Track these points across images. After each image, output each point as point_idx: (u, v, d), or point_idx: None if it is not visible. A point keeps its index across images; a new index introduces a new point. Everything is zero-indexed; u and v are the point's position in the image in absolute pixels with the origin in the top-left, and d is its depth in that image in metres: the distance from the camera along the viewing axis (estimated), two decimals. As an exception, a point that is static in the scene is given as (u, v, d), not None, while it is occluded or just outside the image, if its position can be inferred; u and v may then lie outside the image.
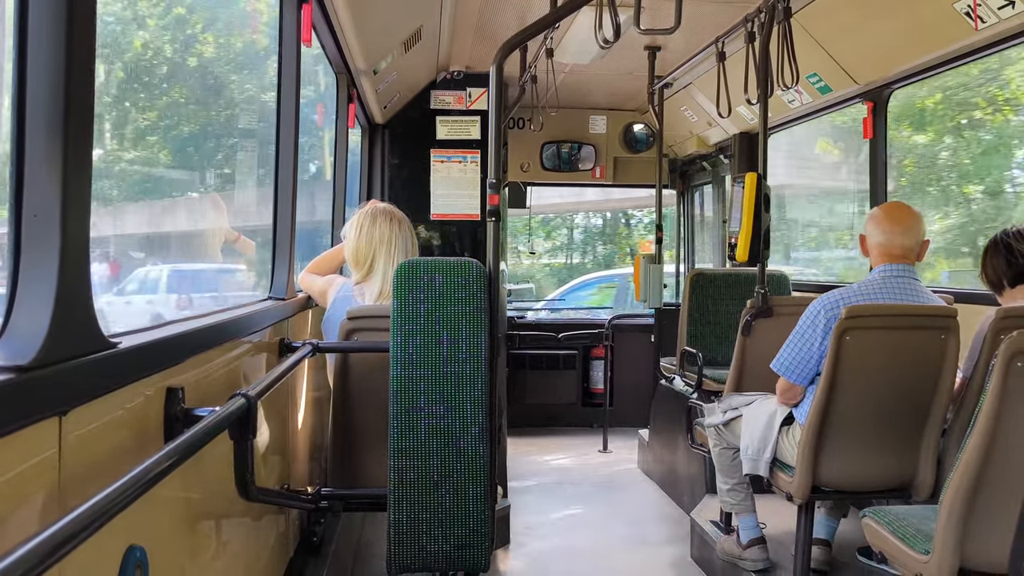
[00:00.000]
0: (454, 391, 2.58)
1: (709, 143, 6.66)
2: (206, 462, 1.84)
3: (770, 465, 3.22)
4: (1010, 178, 5.79)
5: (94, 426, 1.29)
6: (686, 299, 5.29)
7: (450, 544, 2.57)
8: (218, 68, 3.56)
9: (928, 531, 2.33)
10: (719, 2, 4.49)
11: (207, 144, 3.60)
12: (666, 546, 4.47)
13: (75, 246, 1.23)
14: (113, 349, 1.34)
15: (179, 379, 1.65)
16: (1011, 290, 3.00)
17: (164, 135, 3.06)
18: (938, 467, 2.98)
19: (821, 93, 4.70)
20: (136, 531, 1.38)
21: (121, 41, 2.50)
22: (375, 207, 3.35)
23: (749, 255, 3.78)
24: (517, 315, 7.33)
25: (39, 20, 1.18)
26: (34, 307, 1.17)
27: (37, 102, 1.18)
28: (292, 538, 2.96)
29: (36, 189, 1.18)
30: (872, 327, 2.86)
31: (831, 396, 2.90)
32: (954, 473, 2.22)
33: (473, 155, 6.05)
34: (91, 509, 1.02)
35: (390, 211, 3.34)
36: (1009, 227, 3.06)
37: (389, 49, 4.47)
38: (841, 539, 3.58)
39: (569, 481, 5.77)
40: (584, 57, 5.32)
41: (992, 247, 3.06)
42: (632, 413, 6.84)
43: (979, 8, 3.26)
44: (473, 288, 2.62)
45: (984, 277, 3.10)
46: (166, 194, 3.27)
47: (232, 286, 3.84)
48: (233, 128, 3.81)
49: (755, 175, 3.80)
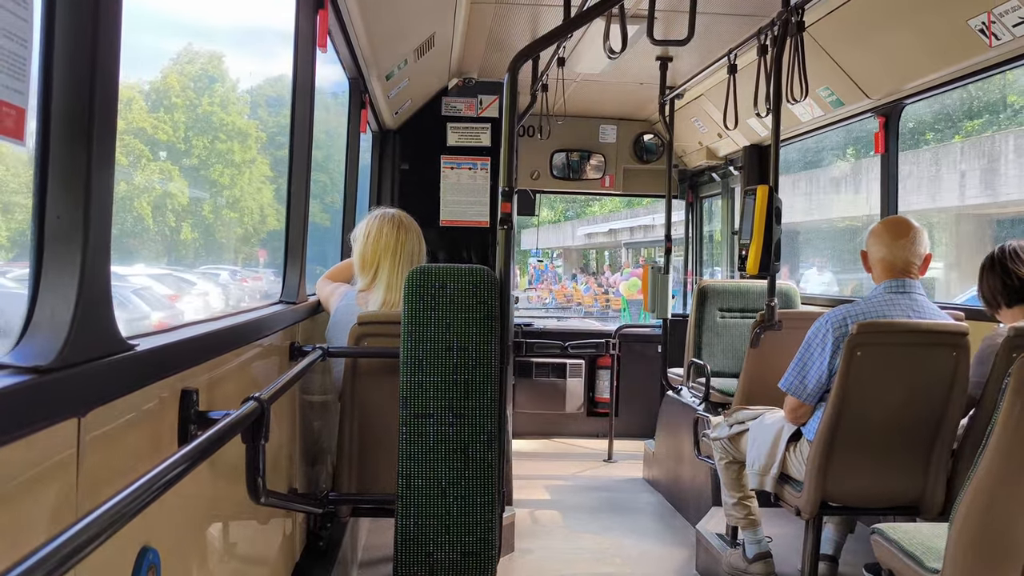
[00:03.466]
0: (463, 398, 2.58)
1: (719, 154, 6.66)
2: (218, 465, 1.85)
3: (776, 480, 3.21)
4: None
5: (111, 427, 1.29)
6: (694, 310, 5.29)
7: (457, 551, 2.57)
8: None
9: (938, 549, 2.31)
10: (732, 15, 4.50)
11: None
12: (671, 558, 4.45)
13: (97, 248, 1.24)
14: (131, 351, 1.35)
15: (194, 382, 1.65)
16: (1009, 310, 2.96)
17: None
18: (948, 485, 2.97)
19: (833, 107, 4.70)
20: (150, 533, 1.39)
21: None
22: (384, 213, 3.33)
23: (759, 267, 3.78)
24: (524, 323, 7.32)
25: (65, 21, 1.19)
26: (55, 309, 1.18)
27: (62, 105, 1.19)
28: (298, 541, 2.96)
29: (59, 191, 1.19)
30: (883, 343, 2.85)
31: (840, 412, 2.89)
32: (965, 492, 2.20)
33: (483, 162, 6.07)
34: (109, 511, 1.02)
35: (399, 218, 3.31)
36: (1006, 244, 2.99)
37: (402, 55, 4.49)
38: (847, 555, 3.56)
39: (574, 490, 5.76)
40: (595, 67, 5.34)
41: (988, 266, 2.99)
42: (638, 423, 6.82)
43: (993, 25, 3.26)
44: (484, 295, 2.62)
45: (980, 296, 3.05)
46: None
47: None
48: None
49: (767, 187, 3.80)
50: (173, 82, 4.31)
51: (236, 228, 5.93)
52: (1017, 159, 13.36)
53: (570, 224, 40.31)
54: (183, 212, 4.82)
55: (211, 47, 4.64)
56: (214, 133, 5.13)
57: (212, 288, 5.47)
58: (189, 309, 4.44)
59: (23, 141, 1.10)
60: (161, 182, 4.45)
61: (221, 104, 5.08)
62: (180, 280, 4.95)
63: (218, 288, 5.68)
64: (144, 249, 5.51)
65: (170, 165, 4.52)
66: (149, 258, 5.41)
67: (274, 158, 5.26)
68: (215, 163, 5.30)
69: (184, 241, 4.75)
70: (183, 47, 4.40)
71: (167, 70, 4.31)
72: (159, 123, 4.31)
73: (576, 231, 38.77)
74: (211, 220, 5.64)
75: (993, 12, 3.21)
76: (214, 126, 5.14)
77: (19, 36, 1.08)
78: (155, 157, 4.43)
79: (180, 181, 4.91)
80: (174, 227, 4.75)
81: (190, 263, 5.18)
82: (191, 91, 4.64)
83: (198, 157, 5.20)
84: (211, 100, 4.90)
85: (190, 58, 4.39)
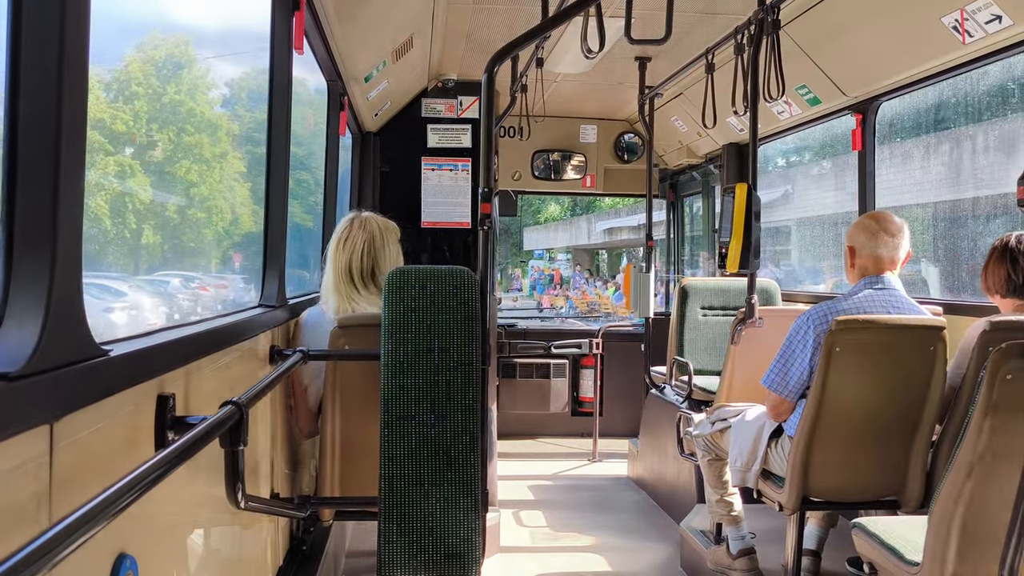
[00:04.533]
0: (445, 399, 2.58)
1: (699, 153, 6.70)
2: (196, 470, 1.83)
3: (758, 477, 3.23)
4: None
5: (85, 434, 1.27)
6: (676, 308, 5.31)
7: (440, 553, 2.56)
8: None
9: (917, 542, 2.33)
10: (709, 14, 4.52)
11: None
12: (656, 555, 4.46)
13: (67, 251, 1.22)
14: (104, 356, 1.33)
15: (170, 387, 1.64)
16: (1001, 300, 2.99)
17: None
18: (927, 478, 3.00)
19: (810, 105, 4.74)
20: (126, 539, 1.37)
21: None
22: (347, 217, 3.25)
23: (739, 265, 3.80)
24: (507, 323, 7.32)
25: (32, 21, 1.17)
26: (25, 314, 1.16)
27: (30, 105, 1.18)
28: (281, 546, 2.94)
29: (28, 193, 1.17)
30: (862, 339, 2.87)
31: (821, 407, 2.91)
32: (943, 484, 2.23)
33: (464, 163, 6.07)
34: (81, 517, 1.01)
35: (359, 218, 3.21)
36: (1021, 233, 2.93)
37: (380, 57, 4.48)
38: (830, 549, 3.58)
39: (558, 490, 5.76)
40: (575, 67, 5.35)
41: (998, 254, 2.95)
42: (622, 422, 6.84)
43: (967, 23, 3.30)
44: (464, 296, 2.61)
45: (983, 280, 3.03)
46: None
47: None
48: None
49: (746, 186, 3.82)
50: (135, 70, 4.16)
51: (204, 229, 5.61)
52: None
53: (585, 219, 33.45)
54: (128, 206, 4.50)
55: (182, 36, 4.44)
56: (179, 125, 4.92)
57: (146, 300, 4.98)
58: (102, 325, 3.78)
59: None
60: (107, 177, 4.17)
61: (189, 93, 4.88)
62: (105, 290, 4.37)
63: (156, 299, 5.19)
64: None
65: (120, 155, 4.28)
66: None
67: (252, 155, 5.10)
68: (180, 157, 5.07)
69: (115, 239, 4.34)
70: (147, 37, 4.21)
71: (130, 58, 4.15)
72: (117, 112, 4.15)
73: (594, 226, 32.01)
74: (176, 220, 5.33)
75: (966, 10, 3.24)
76: (180, 116, 4.93)
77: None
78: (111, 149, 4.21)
79: (139, 176, 4.61)
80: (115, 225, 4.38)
81: (128, 269, 4.71)
82: (154, 78, 4.41)
83: (161, 149, 4.96)
84: (178, 88, 4.68)
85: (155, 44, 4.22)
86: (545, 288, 30.40)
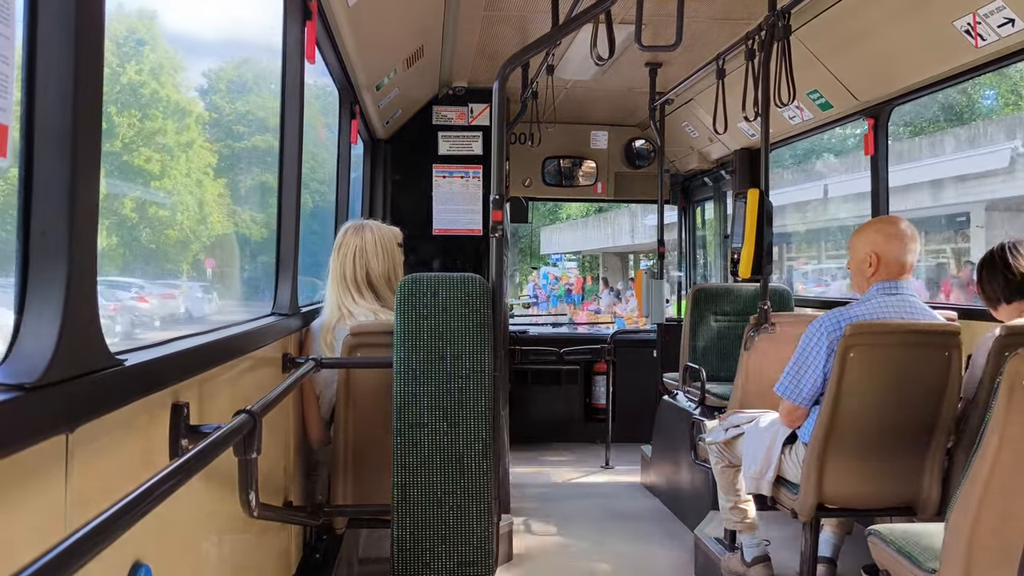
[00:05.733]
0: (457, 407, 2.58)
1: (710, 159, 6.68)
2: (210, 478, 1.84)
3: (773, 484, 3.21)
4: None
5: (100, 443, 1.28)
6: (688, 314, 5.29)
7: (454, 561, 2.56)
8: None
9: (935, 549, 2.31)
10: (720, 20, 4.52)
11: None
12: (670, 563, 4.44)
13: (83, 263, 1.23)
14: (120, 366, 1.34)
15: (184, 395, 1.65)
16: (1007, 306, 2.98)
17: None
18: (944, 484, 2.97)
19: (822, 109, 4.72)
20: (142, 548, 1.38)
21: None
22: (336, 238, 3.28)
23: (752, 271, 3.79)
24: (519, 330, 7.32)
25: (48, 32, 1.19)
26: (41, 325, 1.17)
27: (46, 119, 1.19)
28: (295, 554, 2.95)
29: (44, 206, 1.19)
30: (876, 344, 2.85)
31: (835, 414, 2.89)
32: (960, 491, 2.21)
33: (475, 170, 6.08)
34: (97, 526, 1.01)
35: (358, 224, 3.25)
36: (1006, 241, 3.00)
37: (391, 66, 4.50)
38: (846, 557, 3.56)
39: (571, 497, 5.75)
40: (585, 73, 5.36)
41: (988, 262, 3.00)
42: (634, 429, 6.82)
43: (979, 26, 3.28)
44: (476, 303, 2.62)
45: (979, 290, 3.07)
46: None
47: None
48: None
49: (757, 191, 3.82)
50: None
51: (163, 230, 5.40)
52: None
53: (626, 214, 27.24)
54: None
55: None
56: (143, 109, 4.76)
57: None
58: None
59: (5, 156, 1.10)
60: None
61: (151, 73, 4.70)
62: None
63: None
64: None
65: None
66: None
67: (231, 149, 5.00)
68: (139, 146, 4.90)
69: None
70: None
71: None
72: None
73: (639, 222, 26.36)
74: (133, 219, 5.14)
75: (978, 13, 3.23)
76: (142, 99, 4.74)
77: (1, 54, 1.08)
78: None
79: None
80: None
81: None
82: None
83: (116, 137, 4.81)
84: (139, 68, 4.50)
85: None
86: (559, 301, 27.18)
